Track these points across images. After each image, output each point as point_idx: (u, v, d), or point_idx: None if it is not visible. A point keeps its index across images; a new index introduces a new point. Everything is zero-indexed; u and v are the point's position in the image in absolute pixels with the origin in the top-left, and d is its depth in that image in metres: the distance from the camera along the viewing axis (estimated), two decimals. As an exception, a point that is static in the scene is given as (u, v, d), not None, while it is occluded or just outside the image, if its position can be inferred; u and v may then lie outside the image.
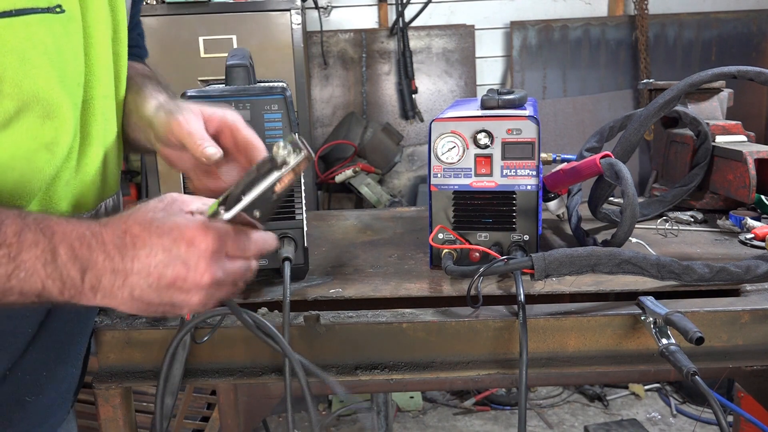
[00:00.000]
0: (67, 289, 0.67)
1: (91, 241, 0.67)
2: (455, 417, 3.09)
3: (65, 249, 0.66)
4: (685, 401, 3.11)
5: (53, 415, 0.94)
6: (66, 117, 0.78)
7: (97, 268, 0.67)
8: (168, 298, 0.69)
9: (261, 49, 2.95)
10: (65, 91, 0.78)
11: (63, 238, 0.66)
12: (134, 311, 0.70)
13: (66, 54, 0.78)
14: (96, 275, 0.67)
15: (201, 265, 0.68)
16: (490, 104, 1.11)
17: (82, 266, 0.66)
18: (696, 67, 3.57)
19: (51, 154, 0.78)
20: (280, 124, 1.03)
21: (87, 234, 0.67)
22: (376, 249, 1.29)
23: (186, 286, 0.69)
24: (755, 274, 1.00)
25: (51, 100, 0.76)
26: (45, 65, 0.74)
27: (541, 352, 0.95)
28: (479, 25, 3.64)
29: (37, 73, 0.73)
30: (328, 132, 3.58)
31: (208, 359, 0.96)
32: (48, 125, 0.76)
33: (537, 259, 0.95)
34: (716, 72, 1.24)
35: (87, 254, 0.66)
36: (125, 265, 0.67)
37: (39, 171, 0.78)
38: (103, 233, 0.68)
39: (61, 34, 0.77)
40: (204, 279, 0.69)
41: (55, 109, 0.77)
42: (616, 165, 1.09)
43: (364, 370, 0.96)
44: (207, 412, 2.51)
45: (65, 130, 0.79)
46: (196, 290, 0.69)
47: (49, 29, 0.75)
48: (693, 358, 0.85)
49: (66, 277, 0.66)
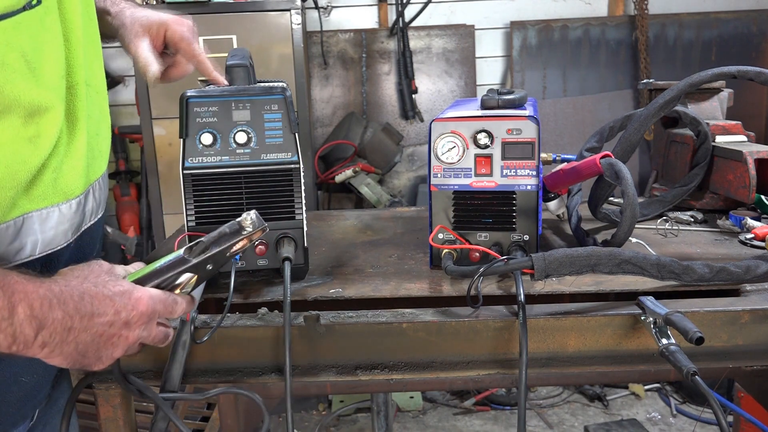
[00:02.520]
0: (17, 344, 0.70)
1: (52, 300, 0.72)
2: (455, 417, 3.09)
3: (24, 307, 0.69)
4: (685, 401, 3.11)
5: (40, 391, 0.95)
6: (52, 110, 0.80)
7: (54, 326, 0.71)
8: (100, 352, 0.78)
9: (261, 49, 2.95)
10: (48, 88, 0.79)
11: (23, 297, 0.69)
12: (64, 364, 0.77)
13: (46, 49, 0.79)
14: (50, 332, 0.71)
15: (133, 327, 0.79)
16: (490, 104, 1.11)
17: (39, 325, 0.70)
18: (696, 67, 3.57)
19: (36, 147, 0.79)
20: (280, 124, 1.03)
21: (48, 294, 0.71)
22: (376, 249, 1.29)
23: (118, 342, 0.79)
24: (755, 274, 1.00)
25: (33, 101, 0.76)
26: (23, 69, 0.74)
27: (541, 352, 0.95)
28: (479, 25, 3.64)
29: (16, 78, 0.73)
30: (328, 132, 3.58)
31: (208, 359, 0.96)
32: (31, 122, 0.77)
33: (537, 259, 0.95)
34: (716, 72, 1.24)
35: (46, 313, 0.71)
36: (81, 324, 0.74)
37: (24, 162, 0.78)
38: (63, 293, 0.73)
39: (40, 30, 0.77)
40: (131, 340, 0.80)
41: (39, 107, 0.77)
42: (616, 165, 1.09)
43: (364, 370, 0.96)
44: (207, 412, 2.51)
45: (51, 123, 0.80)
46: (122, 348, 0.80)
47: (26, 29, 0.74)
48: (693, 358, 0.85)
49: (18, 333, 0.69)
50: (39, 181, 0.81)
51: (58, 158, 0.84)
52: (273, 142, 1.03)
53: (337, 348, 0.96)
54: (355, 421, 3.08)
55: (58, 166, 0.84)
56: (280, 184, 1.04)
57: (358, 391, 2.27)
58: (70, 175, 0.87)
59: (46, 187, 0.83)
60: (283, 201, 1.04)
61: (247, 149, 1.02)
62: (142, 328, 0.80)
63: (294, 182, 1.04)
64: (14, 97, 0.74)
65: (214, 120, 1.02)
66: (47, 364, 0.92)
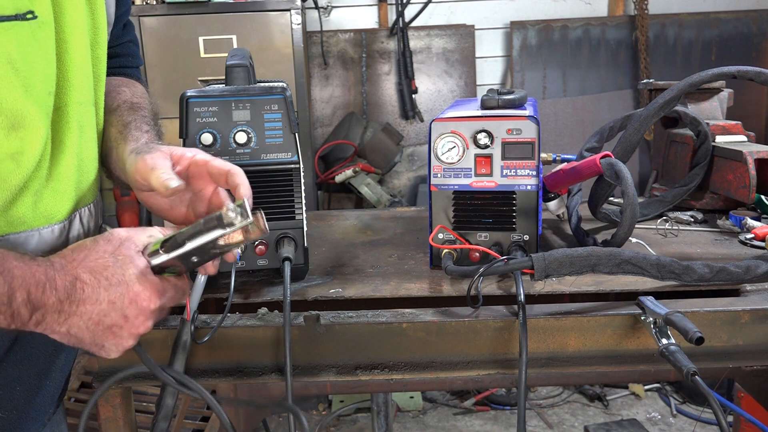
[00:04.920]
0: (14, 323, 0.72)
1: (45, 285, 0.72)
2: (455, 417, 3.09)
3: (21, 293, 0.70)
4: (685, 401, 3.11)
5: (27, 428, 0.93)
6: (34, 127, 0.77)
7: (46, 308, 0.72)
8: (100, 339, 0.77)
9: (261, 49, 2.95)
10: (32, 100, 0.76)
11: (21, 284, 0.70)
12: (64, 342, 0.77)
13: (34, 62, 0.77)
14: (43, 314, 0.72)
15: (140, 318, 0.77)
16: (490, 104, 1.11)
17: (33, 307, 0.71)
18: (696, 67, 3.57)
19: (17, 164, 0.77)
20: (280, 124, 1.03)
21: (42, 279, 0.72)
22: (376, 249, 1.29)
23: (120, 333, 0.77)
24: (755, 274, 1.00)
25: (16, 111, 0.74)
26: (9, 74, 0.73)
27: (541, 352, 0.95)
28: (479, 25, 3.64)
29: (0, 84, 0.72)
30: (328, 132, 3.58)
31: (208, 359, 0.96)
32: (13, 136, 0.75)
33: (537, 259, 0.95)
34: (716, 72, 1.23)
35: (40, 297, 0.71)
36: (71, 309, 0.73)
37: (4, 181, 0.76)
38: (56, 278, 0.73)
39: (29, 42, 0.75)
40: (140, 330, 0.78)
41: (21, 119, 0.75)
42: (616, 165, 1.09)
43: (364, 370, 0.96)
44: (207, 412, 2.51)
45: (33, 140, 0.77)
46: (129, 337, 0.78)
47: (15, 37, 0.73)
48: (693, 358, 0.85)
49: (16, 314, 0.71)
50: (18, 203, 0.79)
51: (39, 181, 0.81)
52: (273, 142, 1.03)
53: (337, 348, 0.96)
54: (355, 421, 3.08)
55: (38, 189, 0.81)
56: (280, 184, 1.04)
57: (358, 391, 2.27)
58: (52, 200, 0.83)
59: (26, 209, 0.80)
60: (283, 201, 1.04)
61: (247, 149, 1.02)
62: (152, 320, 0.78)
63: (294, 182, 1.04)
64: None
65: (214, 120, 1.02)
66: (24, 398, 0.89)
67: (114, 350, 0.79)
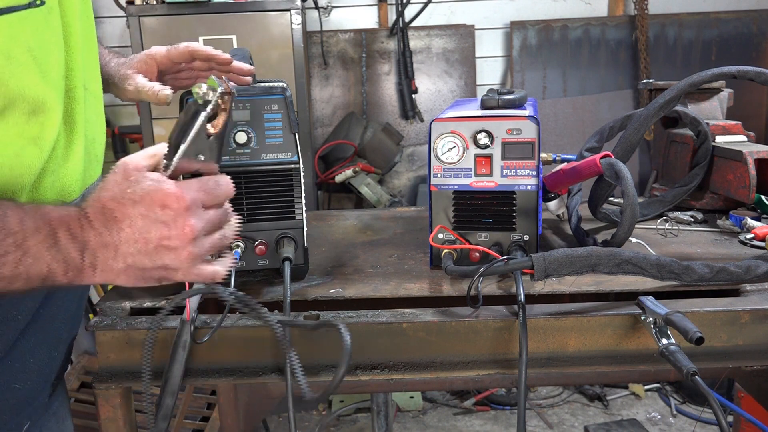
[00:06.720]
0: (71, 269, 0.70)
1: (82, 221, 0.71)
2: (455, 417, 3.09)
3: (63, 232, 0.69)
4: (685, 401, 3.11)
5: (36, 398, 0.95)
6: (52, 111, 0.80)
7: (91, 245, 0.71)
8: (159, 259, 0.73)
9: (261, 49, 2.95)
10: (50, 85, 0.79)
11: (60, 223, 0.69)
12: (132, 282, 0.74)
13: (49, 47, 0.80)
14: (92, 252, 0.71)
15: (179, 221, 0.73)
16: (490, 104, 1.11)
17: (80, 246, 0.70)
18: (696, 67, 3.57)
19: (38, 149, 0.79)
20: (280, 124, 1.03)
21: (76, 216, 0.71)
22: (376, 249, 1.29)
23: (172, 243, 0.73)
24: (755, 274, 1.00)
25: (37, 97, 0.77)
26: (29, 62, 0.75)
27: (541, 352, 0.95)
28: (479, 25, 3.64)
29: (22, 71, 0.74)
30: (328, 132, 3.58)
31: (208, 359, 0.96)
32: (34, 121, 0.78)
33: (537, 259, 0.95)
34: (716, 72, 1.24)
35: (81, 234, 0.70)
36: (113, 238, 0.71)
37: (27, 166, 0.78)
38: (87, 213, 0.72)
39: (44, 28, 0.78)
40: (186, 232, 0.73)
41: (41, 104, 0.78)
42: (616, 165, 1.09)
43: (364, 370, 0.96)
44: (207, 412, 2.51)
45: (52, 123, 0.80)
46: (183, 245, 0.73)
47: (31, 25, 0.75)
48: (693, 358, 0.85)
49: (68, 258, 0.70)
50: (40, 186, 0.82)
51: (56, 161, 0.84)
52: (273, 142, 1.03)
53: (337, 348, 0.95)
54: (355, 421, 3.08)
55: (56, 170, 0.85)
56: (280, 184, 1.04)
57: (358, 391, 2.27)
58: (68, 179, 0.87)
59: (46, 190, 0.83)
60: (283, 201, 1.04)
61: (247, 149, 1.02)
62: (194, 218, 0.73)
63: (294, 182, 1.04)
64: (19, 91, 0.75)
65: (214, 120, 1.02)
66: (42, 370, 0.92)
67: (181, 267, 0.75)
